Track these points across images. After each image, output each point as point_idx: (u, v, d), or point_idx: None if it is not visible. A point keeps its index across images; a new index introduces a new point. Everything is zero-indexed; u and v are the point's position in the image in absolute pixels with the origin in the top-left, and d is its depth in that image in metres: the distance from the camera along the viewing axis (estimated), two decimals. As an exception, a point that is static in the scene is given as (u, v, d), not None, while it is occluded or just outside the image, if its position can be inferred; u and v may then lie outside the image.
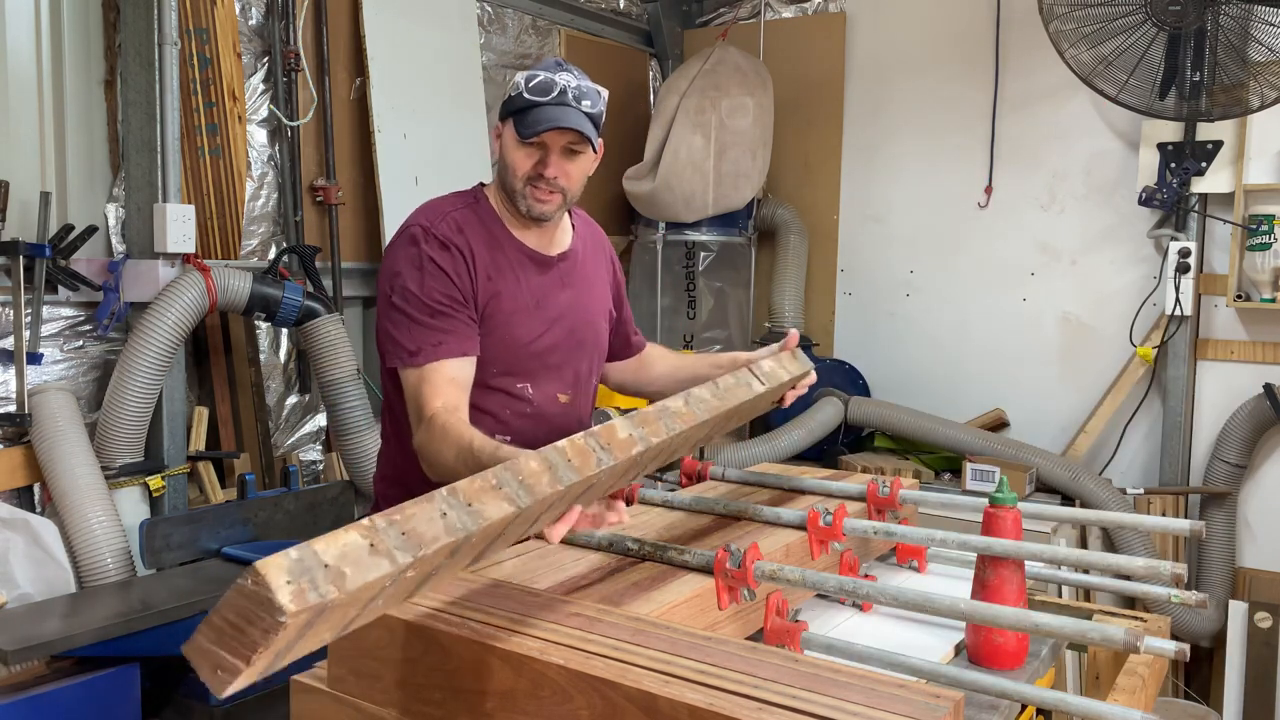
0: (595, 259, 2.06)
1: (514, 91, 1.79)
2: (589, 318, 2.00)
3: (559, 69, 1.79)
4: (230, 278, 3.11)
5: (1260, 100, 3.44)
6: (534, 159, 1.79)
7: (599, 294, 2.06)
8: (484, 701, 1.12)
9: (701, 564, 1.43)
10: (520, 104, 1.77)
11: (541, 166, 1.79)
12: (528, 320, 1.87)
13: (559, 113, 1.74)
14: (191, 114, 3.21)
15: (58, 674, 2.38)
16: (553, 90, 1.75)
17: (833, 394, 4.39)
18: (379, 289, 1.85)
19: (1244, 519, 4.04)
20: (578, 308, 1.96)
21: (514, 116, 1.78)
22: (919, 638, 1.52)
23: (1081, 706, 1.20)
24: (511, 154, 1.80)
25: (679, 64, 4.97)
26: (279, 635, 0.84)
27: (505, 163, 1.82)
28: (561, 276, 1.93)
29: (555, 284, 1.92)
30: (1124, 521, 1.61)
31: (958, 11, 4.55)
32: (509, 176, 1.82)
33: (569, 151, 1.80)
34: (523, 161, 1.79)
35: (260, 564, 0.84)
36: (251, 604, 0.84)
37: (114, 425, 2.92)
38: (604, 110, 1.83)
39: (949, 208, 4.62)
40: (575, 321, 1.95)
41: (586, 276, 2.01)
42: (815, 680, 1.04)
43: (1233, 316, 4.04)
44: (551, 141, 1.77)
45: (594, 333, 2.02)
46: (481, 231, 1.84)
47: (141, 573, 2.83)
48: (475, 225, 1.84)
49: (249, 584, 0.85)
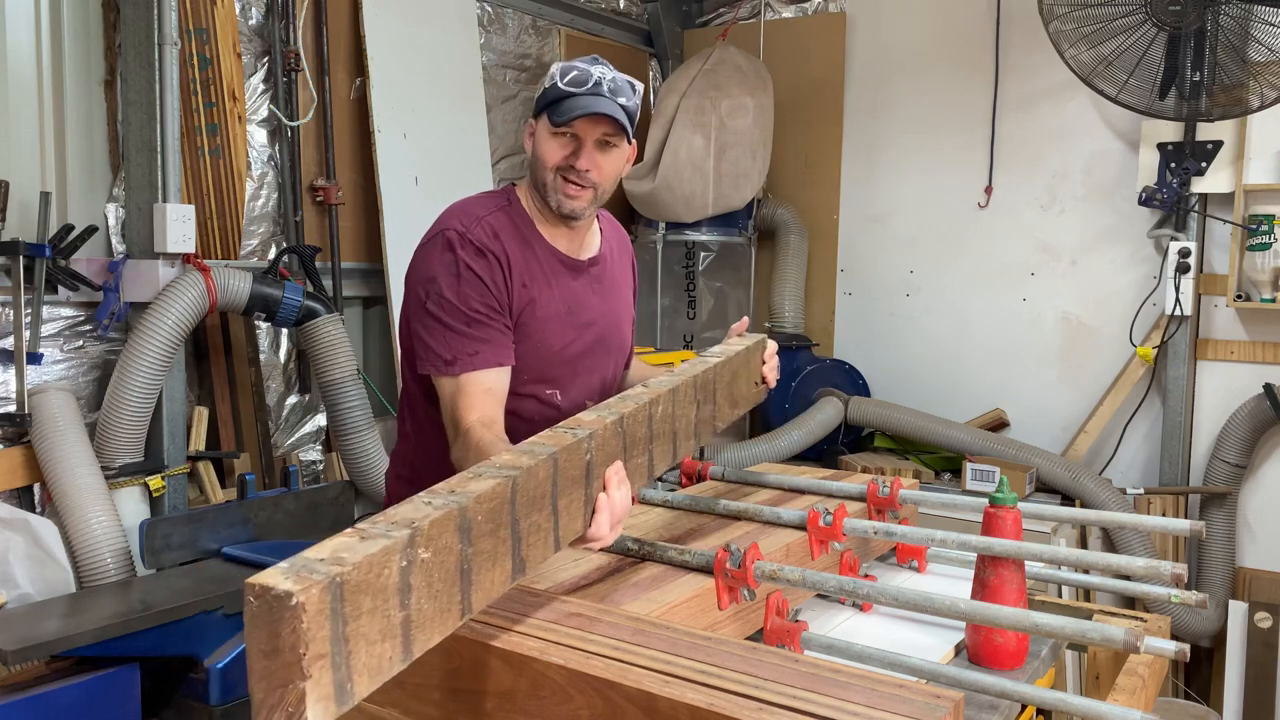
0: (621, 263, 2.05)
1: (548, 84, 1.76)
2: (616, 322, 1.99)
3: (594, 63, 1.77)
4: (230, 278, 3.11)
5: (1260, 100, 3.44)
6: (566, 150, 1.76)
7: (625, 298, 2.05)
8: (484, 701, 1.12)
9: (701, 564, 1.43)
10: (554, 95, 1.74)
11: (574, 158, 1.76)
12: (560, 327, 1.85)
13: (593, 101, 1.72)
14: (191, 114, 3.21)
15: (58, 674, 2.38)
16: (588, 81, 1.73)
17: (833, 394, 4.39)
18: (409, 290, 1.81)
19: (1244, 519, 4.04)
20: (607, 313, 1.95)
21: (548, 109, 1.76)
22: (919, 638, 1.52)
23: (1081, 706, 1.20)
24: (543, 145, 1.78)
25: (679, 64, 4.98)
26: (304, 625, 0.82)
27: (537, 155, 1.80)
28: (592, 282, 1.92)
29: (586, 289, 1.90)
30: (1124, 521, 1.61)
31: (958, 12, 4.55)
32: (540, 169, 1.79)
33: (603, 144, 1.77)
34: (555, 152, 1.76)
35: (252, 579, 0.83)
36: (268, 618, 0.83)
37: (114, 425, 2.92)
38: (639, 106, 1.80)
39: (949, 208, 4.62)
40: (605, 327, 1.94)
41: (614, 281, 2.00)
42: (815, 680, 1.04)
43: (1233, 316, 4.04)
44: (585, 133, 1.75)
45: (621, 337, 2.01)
46: (516, 236, 1.81)
47: (141, 573, 2.83)
48: (510, 230, 1.81)
49: (254, 602, 0.83)
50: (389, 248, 3.67)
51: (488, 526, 1.06)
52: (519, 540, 1.11)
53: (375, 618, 0.91)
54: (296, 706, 0.84)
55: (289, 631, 0.83)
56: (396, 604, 0.93)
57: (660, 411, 1.49)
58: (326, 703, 0.86)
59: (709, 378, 1.67)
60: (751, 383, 1.91)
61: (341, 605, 0.87)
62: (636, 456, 1.42)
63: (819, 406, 4.31)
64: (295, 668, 0.83)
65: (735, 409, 1.83)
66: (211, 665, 2.56)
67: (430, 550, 0.96)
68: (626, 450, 1.38)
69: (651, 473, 1.49)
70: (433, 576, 0.97)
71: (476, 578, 1.04)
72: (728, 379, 1.77)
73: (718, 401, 1.73)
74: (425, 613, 0.96)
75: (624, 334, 2.03)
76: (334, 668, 0.87)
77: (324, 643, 0.85)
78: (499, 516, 1.08)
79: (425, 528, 0.96)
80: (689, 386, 1.61)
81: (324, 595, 0.85)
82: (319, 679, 0.85)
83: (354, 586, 0.88)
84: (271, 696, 0.84)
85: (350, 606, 0.88)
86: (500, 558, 1.08)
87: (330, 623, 0.86)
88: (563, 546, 1.23)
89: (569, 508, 1.23)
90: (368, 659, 0.90)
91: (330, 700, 0.87)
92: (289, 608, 0.82)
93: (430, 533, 0.97)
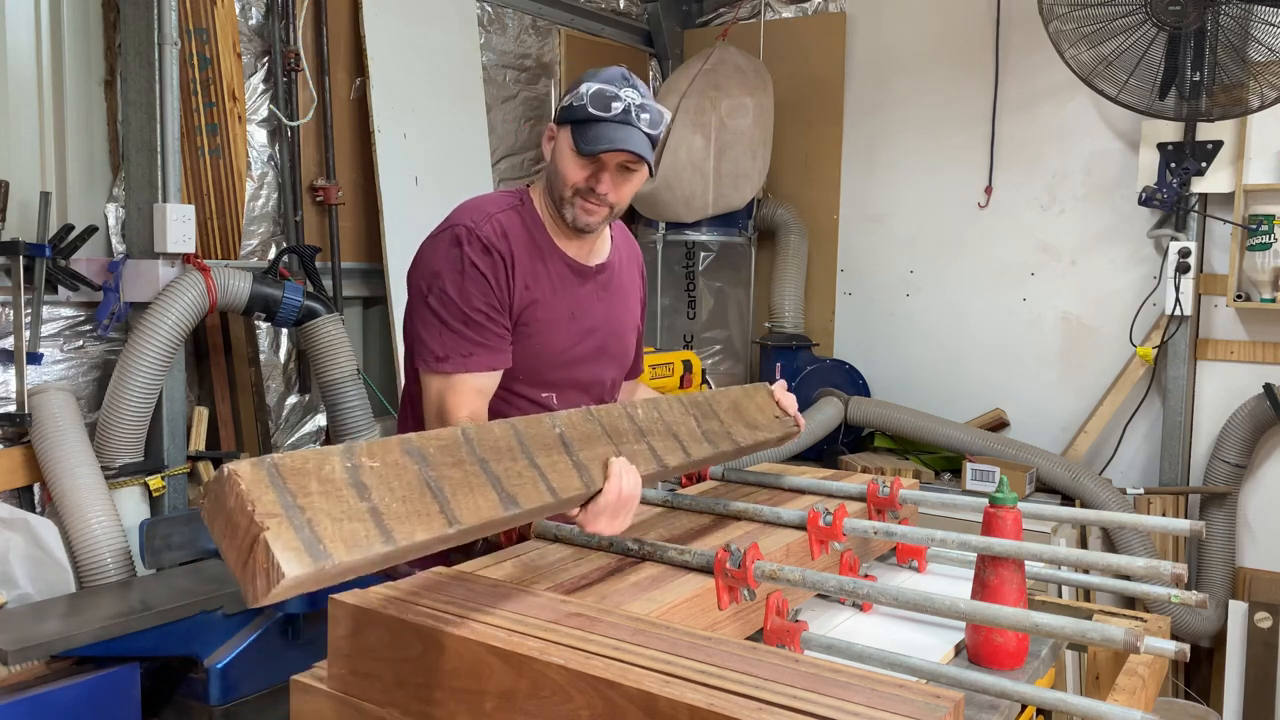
0: (629, 271, 2.05)
1: (576, 101, 1.73)
2: (620, 330, 1.99)
3: (625, 83, 1.74)
4: (230, 278, 3.11)
5: (1260, 100, 3.44)
6: (587, 172, 1.75)
7: (631, 307, 2.04)
8: (484, 701, 1.12)
9: (701, 564, 1.43)
10: (581, 115, 1.72)
11: (594, 181, 1.76)
12: (562, 331, 1.84)
13: (621, 134, 1.71)
14: (191, 114, 3.21)
15: (58, 674, 2.38)
16: (618, 106, 1.71)
17: (833, 394, 4.40)
18: (412, 284, 1.81)
19: (1244, 519, 4.04)
20: (611, 320, 1.95)
21: (573, 125, 1.74)
22: (919, 638, 1.52)
23: (1081, 706, 1.20)
24: (565, 163, 1.76)
25: (679, 64, 4.98)
26: (243, 487, 0.94)
27: (557, 170, 1.78)
28: (598, 288, 1.91)
29: (592, 296, 1.90)
30: (1124, 521, 1.61)
31: (958, 12, 4.55)
32: (559, 184, 1.78)
33: (623, 169, 1.77)
34: (575, 173, 1.75)
35: (202, 486, 1.00)
36: (217, 502, 0.96)
37: (114, 425, 2.92)
38: (665, 132, 1.80)
39: (949, 208, 4.62)
40: (607, 334, 1.94)
41: (621, 288, 1.99)
42: (815, 680, 1.04)
43: (1233, 316, 4.04)
44: (608, 159, 1.74)
45: (623, 346, 2.01)
46: (524, 237, 1.81)
47: (141, 573, 2.83)
48: (519, 230, 1.81)
49: (205, 501, 0.97)
50: (389, 248, 3.67)
51: (444, 459, 1.18)
52: (497, 479, 1.22)
53: (330, 500, 1.01)
54: (265, 560, 0.92)
55: (234, 500, 0.95)
56: (354, 495, 1.04)
57: (642, 414, 1.57)
58: (296, 553, 0.94)
59: (699, 398, 1.78)
60: (767, 413, 1.96)
61: (282, 481, 0.98)
62: (632, 444, 1.49)
63: (819, 406, 4.31)
64: (251, 526, 0.93)
65: (755, 431, 1.87)
66: (211, 665, 2.57)
67: (378, 461, 1.10)
68: (614, 439, 1.46)
69: (660, 460, 1.54)
70: (391, 482, 1.09)
71: (453, 495, 1.15)
72: (727, 404, 1.85)
73: (723, 419, 1.79)
74: (396, 511, 1.07)
75: (626, 342, 2.03)
76: (294, 526, 0.95)
77: (272, 504, 0.95)
78: (456, 453, 1.20)
79: (363, 445, 1.10)
80: (674, 400, 1.71)
81: (255, 469, 0.97)
82: (277, 531, 0.94)
83: (289, 469, 1.00)
84: (246, 566, 0.93)
85: (293, 484, 0.99)
86: (478, 486, 1.19)
87: (273, 490, 0.97)
88: (561, 496, 1.30)
89: (554, 466, 1.32)
90: (336, 530, 0.99)
91: (300, 552, 0.94)
92: (225, 480, 0.96)
93: (371, 449, 1.10)
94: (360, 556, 0.99)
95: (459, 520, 1.12)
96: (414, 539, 1.06)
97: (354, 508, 1.03)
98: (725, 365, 4.81)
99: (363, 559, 1.00)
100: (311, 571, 0.94)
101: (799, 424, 2.02)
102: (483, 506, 1.17)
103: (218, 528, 0.96)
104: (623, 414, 1.53)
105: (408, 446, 1.14)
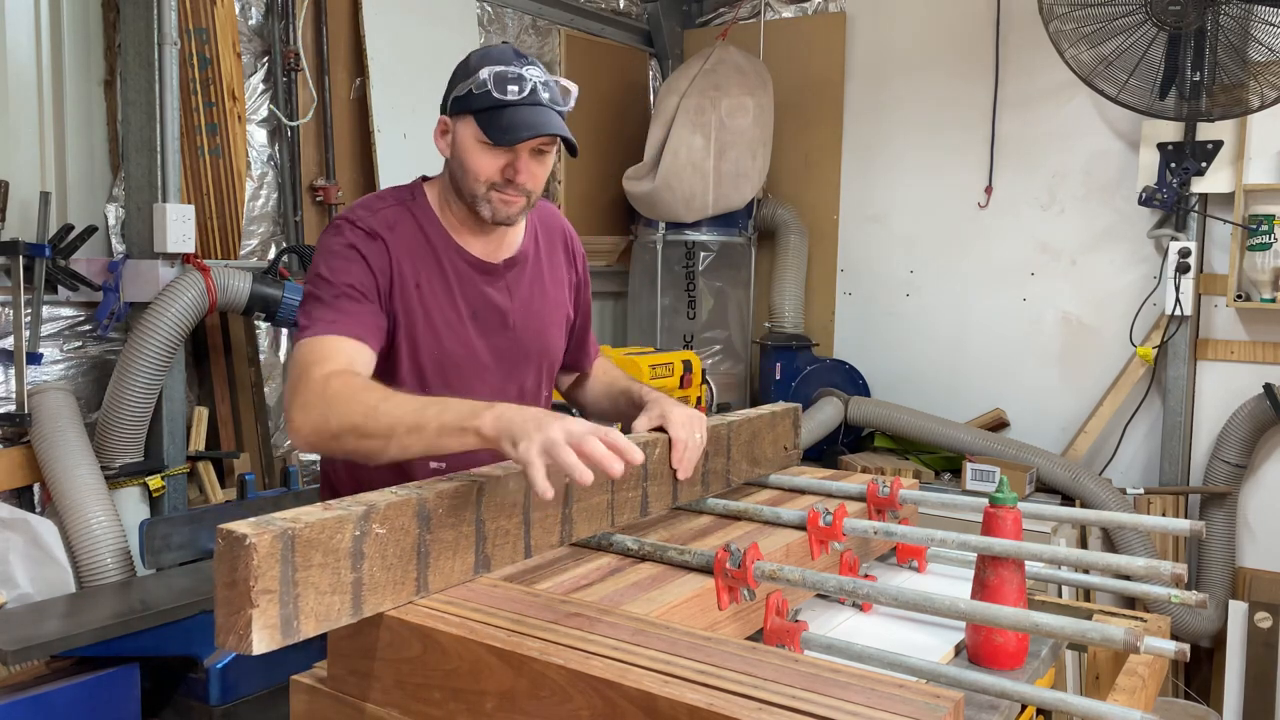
0: (551, 257, 1.90)
1: (476, 89, 1.63)
2: (538, 327, 1.84)
3: (522, 61, 1.65)
4: (230, 278, 3.11)
5: (1260, 100, 3.44)
6: (502, 162, 1.66)
7: (554, 298, 1.89)
8: (484, 701, 1.12)
9: (701, 564, 1.43)
10: (485, 103, 1.62)
11: (511, 172, 1.66)
12: (462, 333, 1.73)
13: (536, 116, 1.62)
14: (191, 114, 3.21)
15: (58, 674, 2.38)
16: (523, 88, 1.61)
17: (833, 394, 4.40)
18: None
19: (1244, 519, 4.04)
20: (527, 316, 1.81)
21: (475, 115, 1.64)
22: (919, 638, 1.52)
23: (1081, 706, 1.20)
24: (473, 158, 1.66)
25: (679, 64, 4.97)
26: (255, 562, 1.01)
27: (464, 166, 1.68)
28: (508, 284, 1.79)
29: (498, 293, 1.77)
30: (1124, 521, 1.61)
31: (958, 11, 4.55)
32: (468, 181, 1.68)
33: (537, 153, 1.68)
34: (487, 166, 1.66)
35: (223, 525, 1.05)
36: (229, 555, 1.03)
37: (114, 425, 2.92)
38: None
39: (949, 208, 4.62)
40: (522, 333, 1.80)
41: (540, 279, 1.85)
42: (815, 680, 1.04)
43: (1233, 316, 4.04)
44: (522, 145, 1.64)
45: (543, 343, 1.86)
46: (413, 233, 1.72)
47: (141, 573, 2.83)
48: (409, 225, 1.72)
49: (221, 543, 1.04)
50: (389, 248, 3.67)
51: (448, 519, 1.26)
52: (483, 539, 1.31)
53: (325, 572, 1.10)
54: (244, 630, 1.03)
55: (243, 567, 1.03)
56: (348, 566, 1.13)
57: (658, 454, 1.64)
58: (271, 631, 1.05)
59: (724, 430, 1.85)
60: (780, 444, 2.02)
61: (292, 554, 1.06)
62: (627, 491, 1.58)
63: (819, 406, 4.31)
64: (246, 598, 1.03)
65: (755, 468, 1.93)
66: (211, 665, 2.56)
67: (385, 527, 1.17)
68: (612, 485, 1.53)
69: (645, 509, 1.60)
70: (387, 550, 1.18)
71: (435, 561, 1.24)
72: (747, 434, 1.92)
73: (733, 456, 1.89)
74: (376, 581, 1.16)
75: (548, 339, 1.88)
76: (281, 604, 1.05)
77: (272, 580, 1.04)
78: (461, 511, 1.28)
79: (382, 509, 1.16)
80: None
81: (275, 542, 1.04)
82: (264, 609, 1.04)
83: (305, 541, 1.07)
84: (228, 622, 1.05)
85: (300, 556, 1.07)
86: (463, 549, 1.28)
87: (280, 565, 1.05)
88: (530, 556, 1.40)
89: (543, 521, 1.41)
90: (316, 605, 1.09)
91: (275, 630, 1.05)
92: (244, 547, 1.03)
93: (386, 514, 1.17)
94: (326, 628, 1.12)
95: (427, 587, 1.24)
96: (379, 608, 1.18)
97: (342, 580, 1.12)
98: (725, 365, 4.81)
99: (327, 629, 1.12)
100: (278, 646, 1.07)
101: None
102: (455, 571, 1.28)
103: (222, 570, 1.05)
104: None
105: (421, 509, 1.22)
